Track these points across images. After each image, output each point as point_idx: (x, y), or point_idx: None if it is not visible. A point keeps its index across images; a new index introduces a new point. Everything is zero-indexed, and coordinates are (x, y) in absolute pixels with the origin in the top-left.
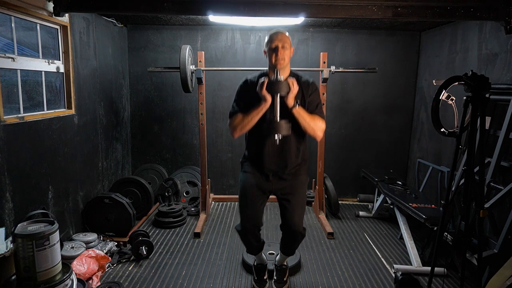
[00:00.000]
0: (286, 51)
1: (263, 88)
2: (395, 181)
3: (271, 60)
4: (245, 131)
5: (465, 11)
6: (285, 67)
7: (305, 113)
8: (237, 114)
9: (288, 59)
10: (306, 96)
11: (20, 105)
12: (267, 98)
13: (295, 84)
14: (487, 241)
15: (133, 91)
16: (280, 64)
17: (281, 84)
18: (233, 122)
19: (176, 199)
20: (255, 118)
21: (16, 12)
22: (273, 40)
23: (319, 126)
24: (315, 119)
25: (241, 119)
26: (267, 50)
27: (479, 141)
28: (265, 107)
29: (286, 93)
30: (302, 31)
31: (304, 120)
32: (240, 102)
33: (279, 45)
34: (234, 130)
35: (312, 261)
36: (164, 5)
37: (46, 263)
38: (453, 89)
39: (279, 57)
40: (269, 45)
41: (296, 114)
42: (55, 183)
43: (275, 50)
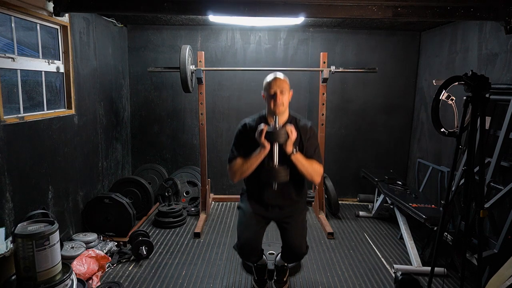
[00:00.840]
0: (285, 96)
1: (261, 136)
2: (395, 181)
3: (270, 106)
4: (245, 176)
5: (465, 11)
6: (283, 112)
7: (303, 159)
8: (237, 160)
9: (287, 104)
10: (304, 141)
11: (20, 105)
12: (266, 145)
13: (293, 132)
14: (487, 241)
15: (133, 91)
16: (279, 110)
17: (279, 133)
18: (232, 168)
19: (176, 199)
20: (254, 165)
21: (16, 12)
22: (271, 86)
23: (317, 171)
24: (313, 164)
25: (241, 165)
26: (266, 95)
27: (479, 141)
28: (264, 154)
29: (285, 141)
30: (302, 31)
31: (302, 166)
32: (239, 147)
33: (277, 91)
34: (233, 176)
35: (312, 261)
36: (164, 5)
37: (46, 263)
38: (453, 89)
39: (278, 103)
40: (268, 91)
41: (294, 160)
42: (55, 183)
43: (274, 96)
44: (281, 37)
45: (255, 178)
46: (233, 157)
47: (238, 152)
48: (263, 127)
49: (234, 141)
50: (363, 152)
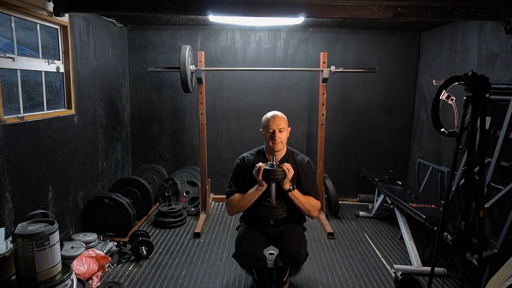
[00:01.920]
0: (283, 134)
1: (259, 174)
2: (395, 181)
3: (268, 144)
4: (242, 210)
5: (465, 11)
6: (281, 150)
7: (300, 196)
8: (235, 195)
9: (285, 141)
10: (302, 176)
11: (20, 105)
12: (263, 183)
13: (290, 170)
14: (487, 241)
15: (133, 91)
16: (277, 147)
17: (276, 171)
18: (230, 203)
19: (176, 199)
20: (251, 201)
21: (16, 12)
22: (270, 124)
23: (314, 207)
24: (310, 201)
25: (238, 201)
26: (264, 133)
27: (479, 141)
28: (261, 191)
29: (282, 179)
30: (302, 31)
31: (299, 203)
32: (237, 182)
33: (276, 130)
34: (231, 211)
35: (312, 261)
36: (164, 5)
37: (46, 263)
38: (453, 89)
39: (276, 141)
40: (266, 129)
41: (291, 197)
42: (55, 183)
43: (272, 134)
44: (281, 37)
45: (253, 213)
46: (231, 192)
47: (236, 187)
48: (261, 166)
49: (232, 175)
50: (363, 152)
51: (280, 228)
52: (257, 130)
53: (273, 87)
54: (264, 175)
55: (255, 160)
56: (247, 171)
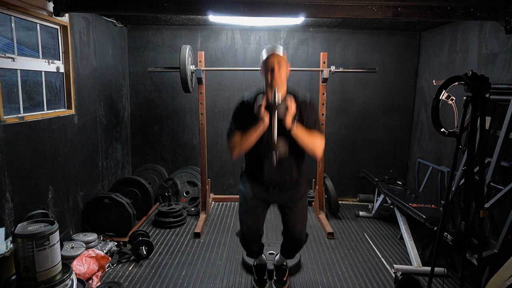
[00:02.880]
0: (282, 69)
1: (261, 110)
2: (395, 181)
3: (267, 80)
4: (244, 151)
5: (465, 11)
6: (282, 86)
7: (303, 132)
8: (235, 135)
9: (284, 77)
10: (304, 114)
11: (20, 105)
12: (265, 119)
13: (293, 105)
14: (487, 241)
15: (133, 91)
16: (277, 84)
17: (278, 106)
18: (231, 143)
19: (176, 199)
20: (253, 139)
21: (16, 12)
22: (269, 59)
23: (318, 144)
24: (314, 138)
25: (239, 140)
26: (263, 70)
27: (479, 141)
28: (263, 128)
29: (284, 114)
30: (302, 31)
31: (302, 140)
32: (237, 122)
33: (275, 66)
34: (232, 151)
35: (312, 261)
36: (164, 5)
37: (46, 263)
38: (453, 89)
39: (275, 77)
40: (265, 65)
41: (294, 134)
42: (55, 183)
43: (272, 69)
44: (281, 37)
45: (254, 153)
46: (231, 132)
47: (237, 127)
48: (263, 101)
49: (233, 115)
50: (363, 152)
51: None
52: None
53: None
54: (266, 109)
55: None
56: (248, 110)
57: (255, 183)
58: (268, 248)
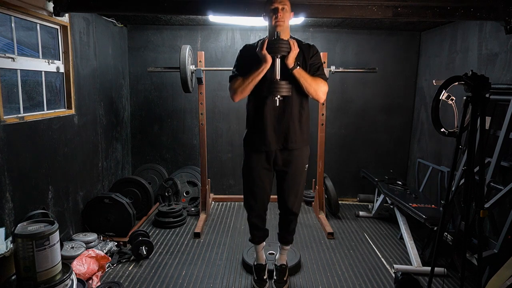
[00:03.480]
0: (286, 13)
1: (263, 48)
2: (395, 181)
3: (270, 22)
4: (246, 94)
5: (465, 11)
6: (284, 30)
7: (306, 74)
8: (238, 78)
9: (287, 22)
10: (308, 59)
11: (20, 105)
12: (268, 58)
13: (295, 45)
14: (487, 241)
15: (133, 91)
16: (280, 26)
17: (281, 43)
18: (233, 85)
19: (176, 199)
20: (255, 79)
21: (16, 12)
22: (273, 1)
23: (321, 87)
24: (317, 80)
25: (242, 81)
26: (267, 12)
27: (479, 141)
28: (266, 68)
29: (287, 53)
30: (302, 31)
31: (305, 81)
32: (240, 66)
33: (279, 6)
34: (234, 93)
35: (312, 261)
36: (164, 5)
37: (46, 263)
38: (453, 89)
39: (279, 18)
40: (269, 6)
41: (297, 75)
42: (55, 183)
43: (275, 11)
44: None
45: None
46: (234, 75)
47: (239, 71)
48: (265, 39)
49: (235, 62)
50: (363, 152)
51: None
52: None
53: None
54: (268, 47)
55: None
56: (250, 55)
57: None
58: (268, 248)
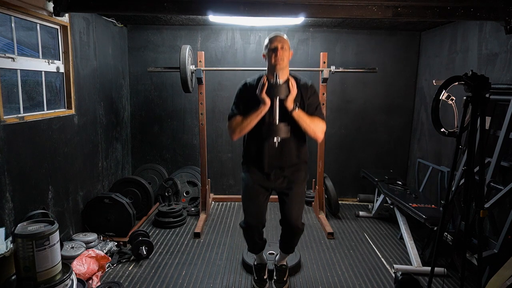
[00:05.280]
0: (285, 52)
1: (262, 91)
2: (395, 181)
3: (270, 61)
4: (244, 133)
5: (465, 11)
6: (284, 68)
7: (305, 115)
8: (236, 117)
9: (287, 61)
10: (306, 99)
11: (20, 105)
12: (267, 101)
13: (294, 87)
14: (487, 241)
15: (133, 91)
16: (279, 65)
17: (280, 87)
18: (232, 124)
19: (176, 199)
20: (254, 121)
21: (16, 12)
22: (273, 41)
23: (320, 127)
24: (315, 121)
25: (240, 121)
26: (267, 51)
27: (479, 141)
28: (265, 110)
29: (286, 96)
30: (302, 31)
31: (304, 122)
32: (239, 105)
33: (278, 46)
34: (233, 133)
35: (312, 261)
36: (164, 5)
37: (46, 263)
38: (453, 89)
39: (278, 58)
40: (269, 46)
41: (295, 117)
42: (55, 183)
43: (275, 50)
44: None
45: (255, 137)
46: (233, 114)
47: (238, 110)
48: (264, 82)
49: (235, 100)
50: (363, 152)
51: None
52: None
53: None
54: (268, 91)
55: (257, 83)
56: (249, 94)
57: (255, 170)
58: (268, 248)
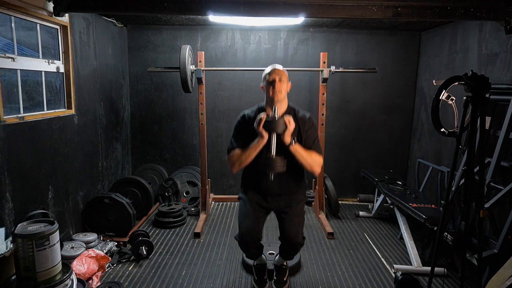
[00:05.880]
0: (283, 84)
1: (260, 125)
2: (395, 181)
3: (268, 94)
4: (243, 166)
5: (465, 11)
6: (282, 100)
7: (302, 150)
8: (235, 150)
9: (285, 93)
10: (303, 132)
11: (20, 105)
12: (264, 135)
13: (291, 122)
14: (487, 241)
15: (133, 91)
16: (277, 97)
17: (278, 122)
18: (231, 158)
19: (176, 199)
20: (252, 155)
21: (16, 12)
22: (270, 74)
23: (316, 162)
24: (312, 155)
25: (239, 155)
26: (265, 84)
27: (479, 141)
28: (262, 143)
29: (283, 131)
30: (302, 31)
31: (301, 156)
32: (238, 138)
33: (276, 78)
34: (232, 166)
35: (312, 261)
36: (164, 5)
37: (46, 263)
38: (453, 89)
39: (276, 90)
40: (267, 79)
41: (293, 151)
42: (55, 183)
43: (272, 83)
44: (281, 37)
45: (253, 168)
46: (232, 147)
47: (237, 143)
48: (262, 117)
49: (234, 132)
50: (363, 152)
51: (281, 202)
52: None
53: None
54: (265, 126)
55: (255, 115)
56: (248, 127)
57: (254, 192)
58: (268, 248)
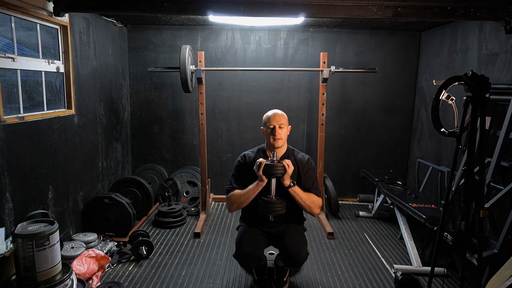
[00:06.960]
0: (283, 130)
1: (260, 169)
2: (395, 181)
3: (269, 140)
4: (243, 207)
5: (465, 11)
6: (282, 146)
7: (301, 192)
8: (235, 191)
9: (285, 138)
10: (302, 174)
11: (20, 105)
12: (264, 178)
13: (290, 166)
14: (487, 241)
15: (133, 91)
16: (277, 144)
17: (277, 166)
18: (230, 198)
19: (176, 199)
20: (251, 196)
21: (16, 12)
22: (270, 120)
23: (315, 203)
24: (311, 197)
25: (238, 197)
26: (265, 130)
27: (479, 141)
28: (262, 186)
29: (282, 175)
30: (302, 31)
31: (300, 199)
32: (238, 179)
33: (276, 125)
34: (231, 206)
35: (312, 261)
36: (164, 5)
37: (46, 263)
38: (453, 89)
39: (276, 137)
40: (267, 125)
41: (292, 193)
42: (55, 183)
43: (273, 131)
44: (281, 37)
45: (252, 209)
46: (231, 188)
47: (237, 184)
48: (262, 161)
49: (233, 172)
50: (363, 152)
51: (280, 227)
52: (257, 130)
53: (273, 87)
54: (265, 170)
55: (256, 157)
56: (248, 168)
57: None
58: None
